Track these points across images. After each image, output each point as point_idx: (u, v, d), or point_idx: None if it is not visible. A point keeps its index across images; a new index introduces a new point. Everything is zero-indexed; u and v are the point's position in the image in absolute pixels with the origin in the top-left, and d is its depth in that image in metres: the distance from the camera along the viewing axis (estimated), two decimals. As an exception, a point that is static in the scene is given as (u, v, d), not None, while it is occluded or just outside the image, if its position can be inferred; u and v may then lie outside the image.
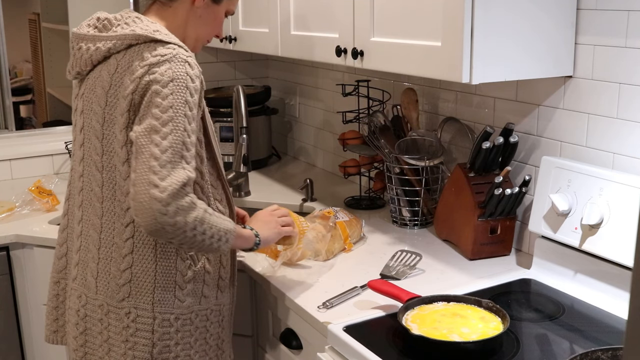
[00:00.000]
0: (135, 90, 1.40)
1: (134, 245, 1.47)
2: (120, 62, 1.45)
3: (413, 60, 1.62)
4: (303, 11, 2.07)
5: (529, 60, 1.57)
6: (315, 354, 1.51)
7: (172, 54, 1.40)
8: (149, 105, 1.37)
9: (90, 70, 1.52)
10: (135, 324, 1.48)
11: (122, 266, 1.47)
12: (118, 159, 1.45)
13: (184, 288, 1.50)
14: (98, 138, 1.48)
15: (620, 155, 1.58)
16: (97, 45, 1.48)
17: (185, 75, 1.40)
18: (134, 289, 1.47)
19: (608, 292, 1.53)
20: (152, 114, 1.36)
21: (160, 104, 1.36)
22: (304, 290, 1.67)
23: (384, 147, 2.09)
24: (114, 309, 1.49)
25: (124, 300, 1.48)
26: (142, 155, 1.34)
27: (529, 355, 1.33)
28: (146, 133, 1.35)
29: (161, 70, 1.38)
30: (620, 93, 1.56)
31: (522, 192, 1.75)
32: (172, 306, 1.49)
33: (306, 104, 2.85)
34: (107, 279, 1.50)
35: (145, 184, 1.32)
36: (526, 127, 1.81)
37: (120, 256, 1.47)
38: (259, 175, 2.73)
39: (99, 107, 1.48)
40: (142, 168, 1.34)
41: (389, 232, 2.05)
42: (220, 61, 3.00)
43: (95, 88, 1.50)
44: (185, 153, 1.37)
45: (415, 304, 1.46)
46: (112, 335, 1.50)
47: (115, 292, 1.48)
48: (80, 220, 1.56)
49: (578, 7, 1.61)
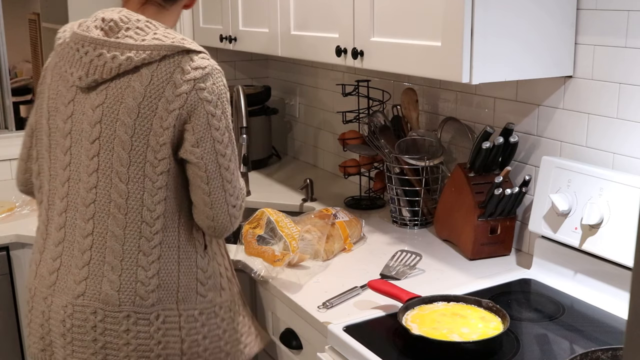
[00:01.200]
0: (183, 106, 1.44)
1: (161, 250, 1.50)
2: (155, 73, 1.44)
3: (413, 60, 1.62)
4: (303, 11, 2.07)
5: (529, 60, 1.57)
6: (315, 354, 1.51)
7: (210, 65, 1.48)
8: (207, 127, 1.45)
9: (114, 77, 1.46)
10: (164, 325, 1.51)
11: (149, 273, 1.49)
12: (152, 169, 1.46)
13: (205, 284, 1.56)
14: (125, 150, 1.46)
15: (620, 155, 1.58)
16: (128, 55, 1.44)
17: (225, 88, 1.50)
18: (161, 293, 1.51)
19: (608, 292, 1.53)
20: (213, 138, 1.46)
21: (218, 127, 1.47)
22: (304, 290, 1.67)
23: (384, 147, 2.09)
24: (144, 316, 1.49)
25: (153, 305, 1.50)
26: (215, 180, 1.48)
27: (529, 355, 1.33)
28: (214, 159, 1.47)
29: (208, 87, 1.46)
30: (620, 93, 1.56)
31: (522, 192, 1.75)
32: (195, 302, 1.54)
33: (306, 104, 2.85)
34: (133, 288, 1.49)
35: (223, 206, 1.50)
36: (526, 127, 1.81)
37: (148, 263, 1.49)
38: (259, 175, 2.73)
39: (129, 119, 1.44)
40: (217, 193, 1.49)
41: (389, 232, 2.05)
42: (220, 61, 2.98)
43: (124, 99, 1.45)
44: (237, 162, 1.54)
45: (415, 304, 1.46)
46: (141, 342, 1.50)
47: (144, 299, 1.49)
48: (91, 233, 1.50)
49: (578, 7, 1.61)
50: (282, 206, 2.31)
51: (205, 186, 1.47)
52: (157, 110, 1.43)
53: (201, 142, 1.45)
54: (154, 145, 1.45)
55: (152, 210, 1.48)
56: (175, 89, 1.43)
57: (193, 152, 1.45)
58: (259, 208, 1.88)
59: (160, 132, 1.44)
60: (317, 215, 1.94)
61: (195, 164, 1.46)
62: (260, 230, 1.77)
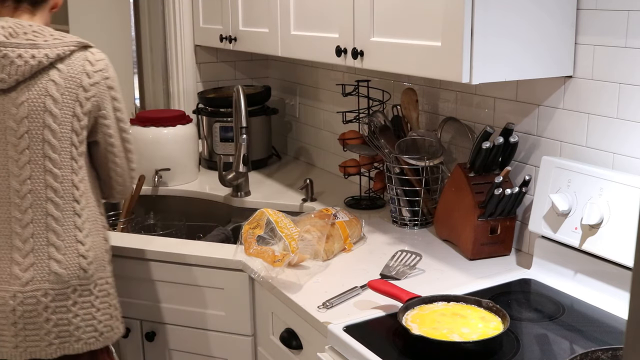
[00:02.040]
0: (96, 94, 1.68)
1: (91, 225, 1.71)
2: (70, 66, 1.64)
3: (413, 60, 1.62)
4: (303, 11, 2.07)
5: (529, 60, 1.57)
6: (315, 354, 1.51)
7: (105, 57, 1.72)
8: (113, 110, 1.71)
9: (28, 78, 1.62)
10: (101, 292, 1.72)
11: (87, 247, 1.68)
12: (76, 152, 1.67)
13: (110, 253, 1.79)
14: (55, 137, 1.64)
15: (620, 155, 1.58)
16: (45, 52, 1.61)
17: (115, 74, 1.73)
18: (98, 263, 1.71)
19: (608, 292, 1.53)
20: (118, 117, 1.73)
21: (120, 108, 1.73)
22: (304, 290, 1.67)
23: (384, 147, 2.09)
24: (86, 287, 1.68)
25: (93, 275, 1.69)
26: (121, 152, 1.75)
27: (529, 355, 1.33)
28: (119, 135, 1.73)
29: (110, 76, 1.71)
30: (620, 93, 1.56)
31: (522, 192, 1.75)
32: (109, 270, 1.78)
33: (306, 104, 2.85)
34: (77, 263, 1.67)
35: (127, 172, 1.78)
36: (526, 127, 1.81)
37: (84, 237, 1.68)
38: (259, 175, 2.73)
39: (55, 109, 1.63)
40: (124, 164, 1.77)
41: (389, 232, 2.05)
42: (220, 61, 3.00)
43: (48, 91, 1.62)
44: None
45: (415, 304, 1.46)
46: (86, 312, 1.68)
47: (87, 271, 1.68)
48: (31, 222, 1.64)
49: (578, 7, 1.61)
50: (282, 206, 2.31)
51: (116, 159, 1.74)
52: (78, 98, 1.65)
53: (112, 125, 1.72)
54: (77, 130, 1.66)
55: (79, 188, 1.68)
56: (89, 78, 1.66)
57: (106, 134, 1.71)
58: (258, 208, 1.88)
59: (81, 117, 1.66)
60: (317, 215, 1.94)
61: (109, 143, 1.72)
62: (260, 231, 1.77)
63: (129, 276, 2.02)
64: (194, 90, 2.94)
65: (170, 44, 2.96)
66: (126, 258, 2.01)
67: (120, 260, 2.01)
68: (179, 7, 2.85)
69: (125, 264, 2.01)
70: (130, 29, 3.42)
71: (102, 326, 1.71)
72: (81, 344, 1.69)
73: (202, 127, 2.82)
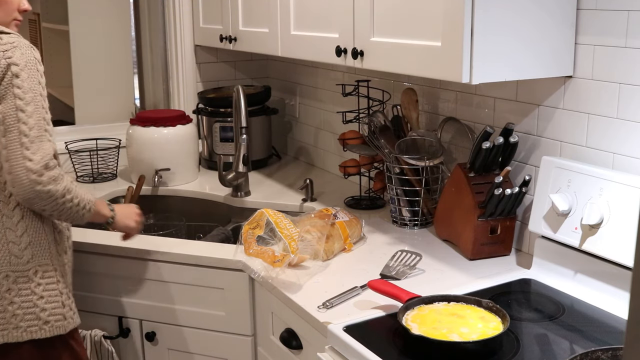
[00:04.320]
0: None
1: (23, 211, 1.66)
2: None
3: (413, 60, 1.62)
4: (303, 11, 2.07)
5: (529, 60, 1.57)
6: (315, 354, 1.51)
7: (17, 41, 1.64)
8: (9, 86, 1.60)
9: None
10: (44, 279, 1.68)
11: (18, 233, 1.65)
12: None
13: (59, 243, 1.75)
14: None
15: (620, 155, 1.58)
16: None
17: (35, 59, 1.64)
18: (35, 249, 1.67)
19: (608, 292, 1.53)
20: (14, 94, 1.60)
21: (21, 86, 1.60)
22: (304, 290, 1.67)
23: (384, 147, 2.09)
24: (22, 273, 1.66)
25: (29, 262, 1.66)
26: (12, 132, 1.58)
27: (529, 355, 1.33)
28: (13, 112, 1.59)
29: (16, 55, 1.61)
30: (620, 93, 1.56)
31: (522, 192, 1.75)
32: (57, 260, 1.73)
33: (306, 104, 2.85)
34: (7, 249, 1.64)
35: (19, 159, 1.57)
36: (526, 127, 1.81)
37: (14, 224, 1.65)
38: (259, 175, 2.73)
39: None
40: (14, 145, 1.58)
41: (389, 232, 2.05)
42: (220, 61, 3.00)
43: None
44: (47, 127, 1.63)
45: (415, 304, 1.46)
46: (24, 299, 1.66)
47: (19, 257, 1.65)
48: None
49: (578, 7, 1.61)
50: (282, 206, 2.31)
51: (3, 139, 1.58)
52: None
53: (3, 99, 1.59)
54: None
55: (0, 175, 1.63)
56: None
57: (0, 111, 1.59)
58: (258, 208, 1.88)
59: None
60: (317, 216, 1.94)
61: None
62: (259, 231, 1.77)
63: (129, 276, 2.02)
64: (194, 90, 2.94)
65: (170, 44, 2.96)
66: (126, 258, 2.01)
67: (121, 260, 2.02)
68: (179, 7, 2.85)
69: (125, 264, 2.02)
70: (130, 29, 3.42)
71: (46, 314, 1.67)
72: (20, 332, 1.65)
73: (202, 127, 2.82)
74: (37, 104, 1.61)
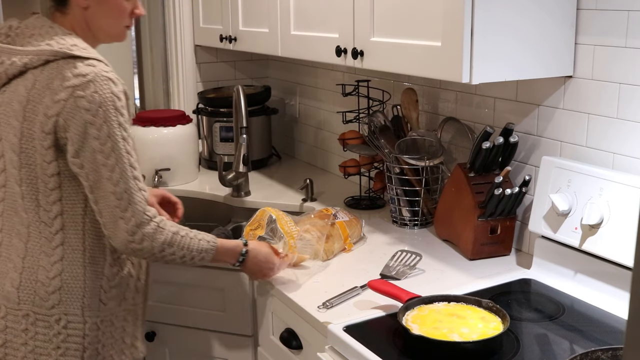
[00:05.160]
0: (59, 113, 1.41)
1: (63, 252, 1.49)
2: (38, 78, 1.44)
3: (413, 60, 1.62)
4: (303, 11, 2.07)
5: (529, 60, 1.57)
6: (315, 354, 1.51)
7: (93, 72, 1.42)
8: (84, 136, 1.41)
9: (6, 83, 1.50)
10: (66, 330, 1.49)
11: (51, 274, 1.48)
12: (42, 171, 1.46)
13: (108, 292, 1.54)
14: (15, 152, 1.47)
15: (620, 155, 1.58)
16: (13, 60, 1.46)
17: (112, 95, 1.42)
18: (64, 296, 1.49)
19: (608, 292, 1.53)
20: (92, 149, 1.41)
21: (98, 136, 1.41)
22: (304, 290, 1.67)
23: (384, 147, 2.09)
24: (43, 317, 1.49)
25: (54, 307, 1.49)
26: (99, 190, 1.43)
27: (529, 355, 1.33)
28: (94, 168, 1.42)
29: (87, 95, 1.40)
30: (620, 93, 1.56)
31: (522, 192, 1.75)
32: (98, 310, 1.52)
33: (306, 104, 2.85)
34: (33, 288, 1.49)
35: (110, 217, 1.43)
36: (526, 127, 1.81)
37: (49, 264, 1.49)
38: (259, 175, 2.73)
39: (16, 122, 1.46)
40: (103, 203, 1.43)
41: (389, 232, 2.05)
42: (220, 61, 3.00)
43: (12, 102, 1.47)
44: (135, 173, 1.46)
45: (415, 304, 1.46)
46: (39, 344, 1.49)
47: (44, 300, 1.48)
48: (1, 230, 1.54)
49: (578, 7, 1.61)
50: (282, 206, 2.30)
51: (91, 195, 1.44)
52: (39, 115, 1.43)
53: (80, 152, 1.42)
54: (40, 149, 1.44)
55: (48, 210, 1.48)
56: (53, 95, 1.42)
57: (74, 163, 1.43)
58: (259, 208, 1.88)
59: (43, 137, 1.43)
60: (317, 215, 1.94)
61: (77, 173, 1.44)
62: (261, 231, 1.76)
63: (129, 276, 2.02)
64: (194, 90, 2.94)
65: (170, 44, 2.96)
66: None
67: (120, 260, 2.02)
68: (179, 7, 2.85)
69: (125, 264, 2.01)
70: (130, 29, 3.42)
71: None
72: None
73: (202, 127, 2.82)
74: (118, 152, 1.43)
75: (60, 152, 1.45)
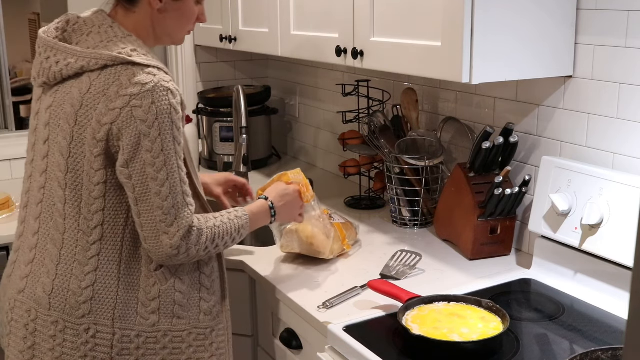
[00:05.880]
0: (114, 121, 1.36)
1: (98, 262, 1.44)
2: (94, 82, 1.40)
3: (413, 60, 1.62)
4: (303, 11, 2.07)
5: (529, 60, 1.57)
6: (315, 354, 1.51)
7: (153, 82, 1.37)
8: (137, 148, 1.36)
9: (59, 82, 1.45)
10: (94, 339, 1.45)
11: (83, 284, 1.44)
12: (88, 178, 1.41)
13: (147, 305, 1.46)
14: (63, 155, 1.43)
15: (620, 155, 1.58)
16: (69, 61, 1.42)
17: (169, 107, 1.38)
18: (95, 306, 1.45)
19: (608, 292, 1.53)
20: (143, 161, 1.36)
21: (151, 148, 1.36)
22: (304, 290, 1.67)
23: (384, 147, 2.09)
24: (72, 326, 1.45)
25: (84, 317, 1.45)
26: (144, 203, 1.38)
27: (529, 355, 1.33)
28: (143, 181, 1.37)
29: (144, 106, 1.35)
30: (620, 93, 1.56)
31: (522, 192, 1.75)
32: (134, 323, 1.46)
33: (306, 104, 2.85)
34: (64, 296, 1.45)
35: (153, 231, 1.39)
36: (526, 127, 1.81)
37: (83, 273, 1.44)
38: (259, 175, 2.73)
39: (67, 125, 1.42)
40: (146, 217, 1.38)
41: (389, 232, 2.05)
42: (220, 61, 3.00)
43: (64, 104, 1.43)
44: (184, 188, 1.41)
45: (415, 304, 1.46)
46: (66, 352, 1.46)
47: (75, 309, 1.44)
48: (37, 232, 1.50)
49: (578, 7, 1.61)
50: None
51: (135, 207, 1.39)
52: (92, 120, 1.38)
53: (130, 162, 1.37)
54: (89, 156, 1.40)
55: (89, 219, 1.43)
56: (109, 102, 1.37)
57: (122, 172, 1.38)
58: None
59: (94, 144, 1.39)
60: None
61: (124, 184, 1.39)
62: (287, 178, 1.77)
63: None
64: (194, 90, 2.94)
65: (170, 44, 2.96)
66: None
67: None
68: (179, 7, 2.85)
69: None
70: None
71: None
72: None
73: (202, 127, 2.82)
74: (170, 167, 1.38)
75: (109, 161, 1.40)
